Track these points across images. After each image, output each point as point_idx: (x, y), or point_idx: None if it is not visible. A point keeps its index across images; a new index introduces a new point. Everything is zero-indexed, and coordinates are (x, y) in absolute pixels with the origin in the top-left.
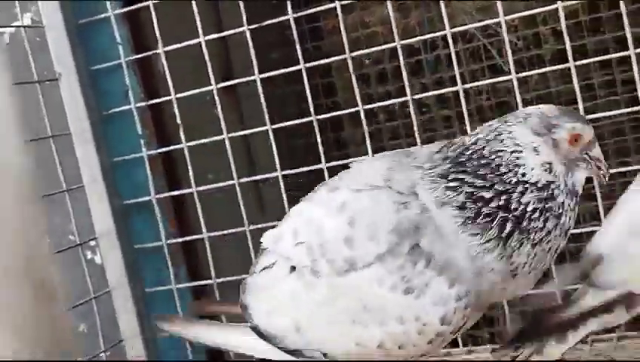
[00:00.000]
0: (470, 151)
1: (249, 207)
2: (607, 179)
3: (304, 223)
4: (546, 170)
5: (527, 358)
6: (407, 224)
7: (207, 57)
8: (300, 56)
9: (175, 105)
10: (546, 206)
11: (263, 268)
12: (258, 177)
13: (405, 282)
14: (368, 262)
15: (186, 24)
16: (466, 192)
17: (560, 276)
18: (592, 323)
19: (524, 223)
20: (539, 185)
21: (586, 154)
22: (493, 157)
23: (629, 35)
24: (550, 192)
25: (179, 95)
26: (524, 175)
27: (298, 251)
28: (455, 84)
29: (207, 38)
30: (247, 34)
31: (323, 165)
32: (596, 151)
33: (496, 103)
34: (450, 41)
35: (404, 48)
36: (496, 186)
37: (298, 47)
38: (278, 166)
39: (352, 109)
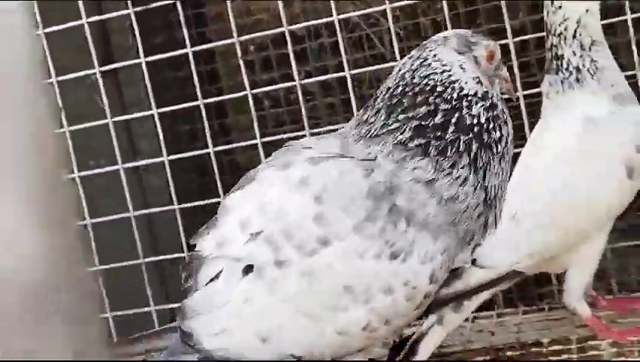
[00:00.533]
0: (400, 88)
1: (132, 194)
2: (516, 95)
3: (256, 212)
4: (477, 83)
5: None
6: (380, 187)
7: (90, 40)
8: (187, 41)
9: (57, 89)
10: (494, 114)
11: (207, 283)
12: (143, 162)
13: (390, 246)
14: (344, 235)
15: (67, 6)
16: (415, 127)
17: None
18: (484, 294)
19: (485, 137)
20: (479, 95)
21: (498, 72)
22: (426, 81)
23: (508, 27)
24: (491, 101)
25: (60, 78)
26: (462, 89)
27: (253, 246)
28: (338, 71)
29: (89, 20)
30: (133, 17)
31: (211, 150)
32: (504, 71)
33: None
34: (338, 28)
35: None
36: (441, 107)
37: (185, 31)
38: (164, 151)
39: (241, 93)
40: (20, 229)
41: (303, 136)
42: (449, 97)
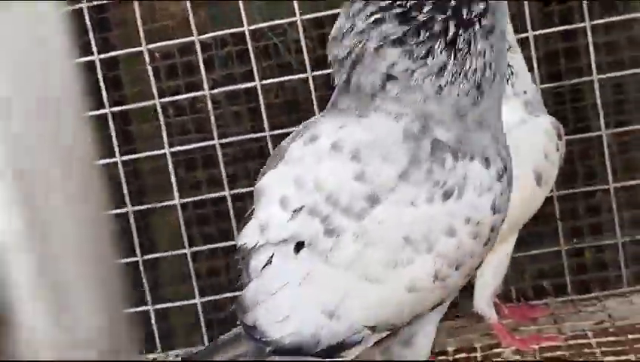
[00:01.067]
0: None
1: None
2: None
3: (293, 188)
4: None
5: None
6: (414, 127)
7: None
8: (94, 48)
9: None
10: None
11: (262, 269)
12: None
13: (441, 187)
14: (391, 186)
15: None
16: (403, 25)
17: None
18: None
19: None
20: None
21: None
22: None
23: None
24: None
25: None
26: None
27: (298, 222)
28: (246, 80)
29: None
30: None
31: (118, 158)
32: None
33: (284, 101)
34: (248, 36)
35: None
36: None
37: (92, 36)
38: None
39: (149, 102)
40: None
41: (214, 146)
42: None
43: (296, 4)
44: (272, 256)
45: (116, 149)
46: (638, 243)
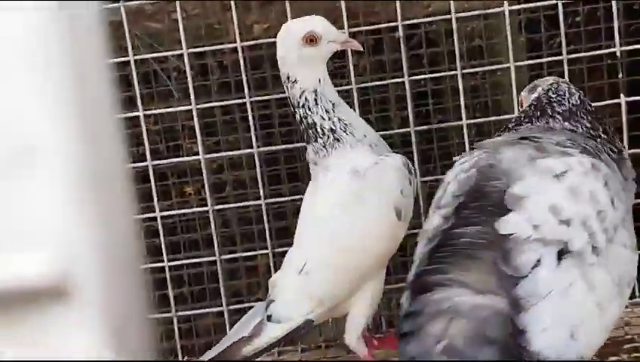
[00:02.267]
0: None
1: None
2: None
3: (565, 197)
4: None
5: None
6: (621, 177)
7: None
8: None
9: None
10: None
11: (532, 268)
12: None
13: (631, 237)
14: (619, 223)
15: None
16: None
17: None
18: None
19: None
20: None
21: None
22: None
23: None
24: None
25: None
26: None
27: (569, 231)
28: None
29: None
30: None
31: None
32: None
33: (163, 128)
34: (132, 63)
35: None
36: None
37: None
38: None
39: None
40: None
41: None
42: None
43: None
44: (540, 257)
45: None
46: None
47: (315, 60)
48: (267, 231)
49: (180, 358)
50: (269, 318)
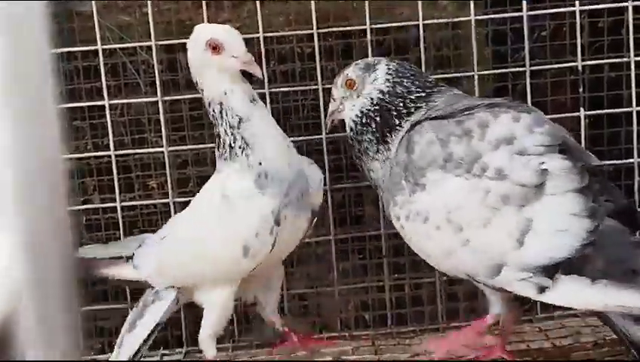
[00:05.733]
0: None
1: None
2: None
3: None
4: None
5: None
6: None
7: None
8: None
9: None
10: None
11: None
12: None
13: None
14: None
15: None
16: None
17: None
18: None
19: None
20: None
21: None
22: None
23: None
24: None
25: None
26: None
27: None
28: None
29: None
30: None
31: None
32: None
33: (129, 120)
34: (101, 54)
35: None
36: None
37: None
38: None
39: None
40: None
41: None
42: None
43: (151, 28)
44: None
45: None
46: (452, 282)
47: (219, 70)
48: None
49: None
50: (131, 257)
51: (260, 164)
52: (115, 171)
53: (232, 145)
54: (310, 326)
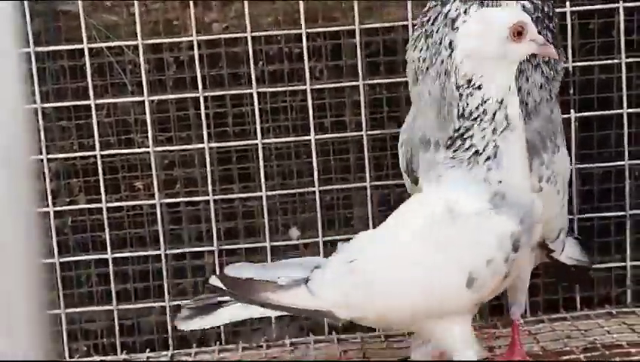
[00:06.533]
0: None
1: None
2: None
3: None
4: None
5: None
6: None
7: None
8: None
9: None
10: None
11: None
12: None
13: None
14: None
15: None
16: None
17: None
18: None
19: None
20: None
21: None
22: None
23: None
24: None
25: None
26: None
27: None
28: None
29: None
30: None
31: None
32: None
33: (116, 120)
34: (87, 54)
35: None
36: None
37: None
38: None
39: None
40: None
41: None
42: None
43: (138, 28)
44: None
45: None
46: None
47: (512, 61)
48: (214, 231)
49: (119, 354)
50: (306, 281)
51: (500, 182)
52: (100, 172)
53: (481, 151)
54: (298, 330)
